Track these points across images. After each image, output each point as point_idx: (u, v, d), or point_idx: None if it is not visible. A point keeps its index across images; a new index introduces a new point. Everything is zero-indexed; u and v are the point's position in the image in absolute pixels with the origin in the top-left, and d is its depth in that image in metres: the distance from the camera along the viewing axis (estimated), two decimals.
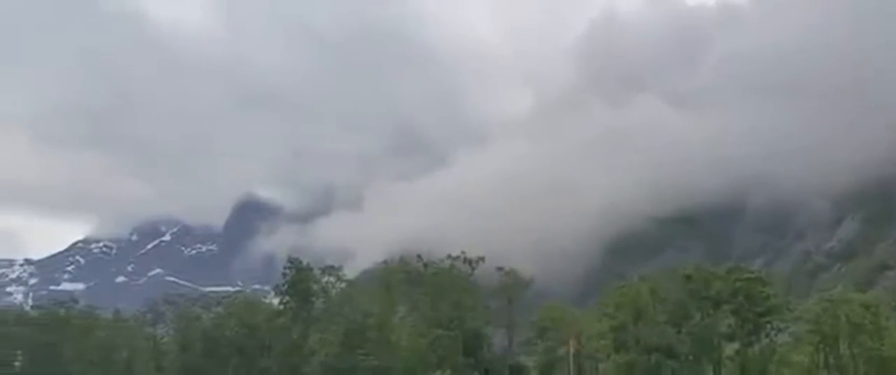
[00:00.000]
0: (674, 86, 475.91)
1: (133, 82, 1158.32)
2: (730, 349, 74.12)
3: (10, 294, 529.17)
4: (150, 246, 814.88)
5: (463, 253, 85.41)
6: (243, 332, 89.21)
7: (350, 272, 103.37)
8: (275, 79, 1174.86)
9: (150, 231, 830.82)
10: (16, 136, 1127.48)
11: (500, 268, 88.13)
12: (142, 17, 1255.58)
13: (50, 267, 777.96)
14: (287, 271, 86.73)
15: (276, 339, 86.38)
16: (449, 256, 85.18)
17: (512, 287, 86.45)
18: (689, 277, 75.41)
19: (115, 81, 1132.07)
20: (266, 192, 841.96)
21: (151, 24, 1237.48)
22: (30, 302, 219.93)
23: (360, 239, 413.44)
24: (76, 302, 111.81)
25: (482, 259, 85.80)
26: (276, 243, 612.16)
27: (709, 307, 74.16)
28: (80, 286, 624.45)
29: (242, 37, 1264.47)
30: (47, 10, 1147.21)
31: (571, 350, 70.74)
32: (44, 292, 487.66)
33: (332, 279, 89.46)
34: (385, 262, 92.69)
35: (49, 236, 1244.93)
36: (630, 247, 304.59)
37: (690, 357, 73.37)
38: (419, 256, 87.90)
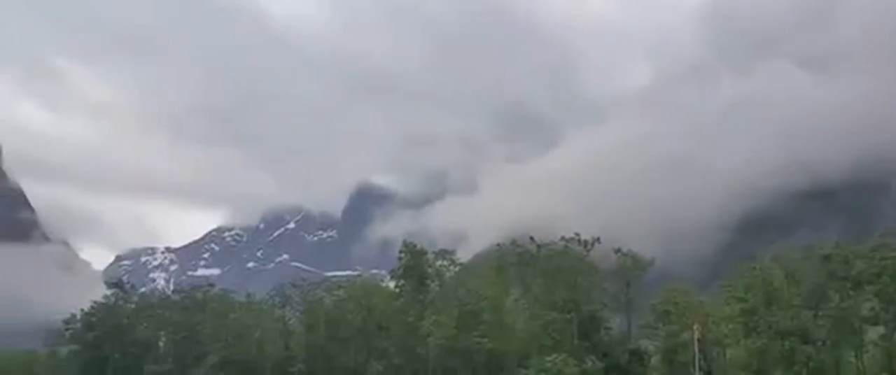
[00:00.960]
0: (807, 50, 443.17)
1: (259, 80, 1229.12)
2: (874, 333, 67.96)
3: (154, 279, 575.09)
4: (276, 234, 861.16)
5: (577, 234, 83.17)
6: (363, 315, 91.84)
7: (463, 255, 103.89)
8: (387, 68, 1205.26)
9: (276, 219, 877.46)
10: (159, 134, 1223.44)
11: (617, 250, 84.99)
12: (263, 17, 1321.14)
13: (188, 254, 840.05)
14: (402, 255, 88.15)
15: (393, 321, 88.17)
16: (562, 238, 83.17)
17: (630, 269, 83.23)
18: (827, 257, 69.80)
19: (243, 80, 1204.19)
20: (381, 179, 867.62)
21: (271, 23, 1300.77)
22: (171, 286, 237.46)
23: (473, 222, 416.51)
24: (212, 286, 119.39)
25: (598, 240, 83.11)
26: (391, 228, 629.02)
27: (849, 288, 68.39)
28: (215, 271, 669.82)
29: (354, 28, 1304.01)
30: (184, 16, 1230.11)
31: (696, 335, 67.11)
32: (183, 277, 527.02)
33: (445, 262, 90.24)
34: (498, 245, 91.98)
35: (187, 226, 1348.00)
36: (761, 226, 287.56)
37: (828, 343, 67.95)
38: (532, 238, 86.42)
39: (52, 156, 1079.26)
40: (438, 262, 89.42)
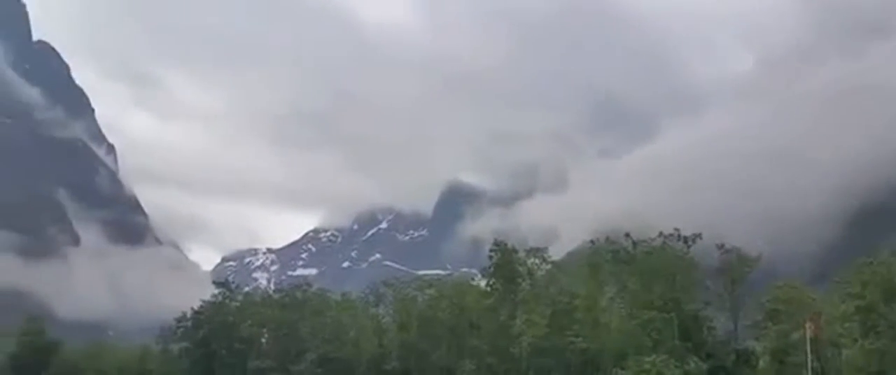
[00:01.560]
0: None
1: (353, 84, 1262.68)
2: None
3: (256, 279, 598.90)
4: (369, 234, 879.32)
5: (676, 230, 79.69)
6: (454, 313, 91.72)
7: (555, 253, 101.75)
8: (475, 66, 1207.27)
9: (368, 220, 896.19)
10: (259, 140, 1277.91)
11: (720, 246, 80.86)
12: (356, 23, 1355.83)
13: (287, 254, 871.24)
14: (493, 254, 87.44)
15: (484, 320, 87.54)
16: (660, 234, 79.86)
17: (735, 266, 78.82)
18: None
19: (337, 84, 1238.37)
20: (471, 177, 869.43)
21: (364, 28, 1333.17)
22: (272, 286, 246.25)
23: (564, 219, 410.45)
24: (310, 285, 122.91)
25: (699, 236, 79.24)
26: (481, 226, 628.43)
27: None
28: (312, 271, 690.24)
29: (443, 30, 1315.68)
30: (281, 24, 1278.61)
31: (809, 335, 62.89)
32: (283, 277, 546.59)
33: (537, 260, 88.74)
34: (592, 242, 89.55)
35: (286, 227, 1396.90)
36: (874, 219, 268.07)
37: None
38: (628, 235, 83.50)
39: (161, 163, 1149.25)
40: (530, 260, 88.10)
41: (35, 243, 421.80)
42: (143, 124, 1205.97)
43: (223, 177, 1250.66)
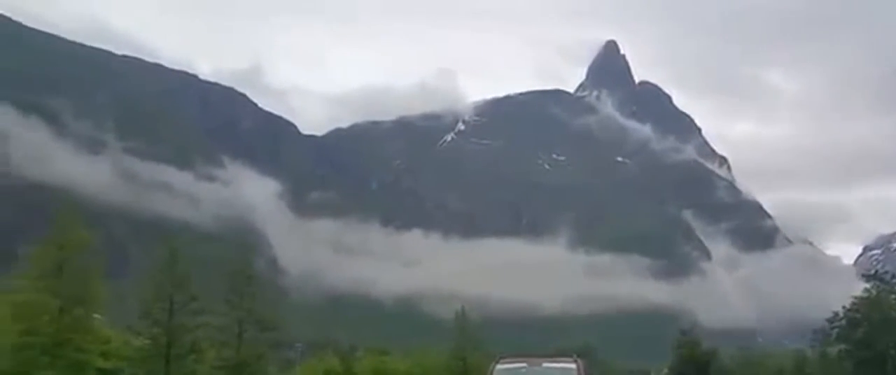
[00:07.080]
0: None
1: None
2: None
3: None
4: None
5: None
6: None
7: None
8: None
9: None
10: (865, 111, 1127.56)
11: None
12: None
13: None
14: None
15: None
16: None
17: None
18: None
19: None
20: None
21: None
22: None
23: None
24: None
25: None
26: None
27: None
28: None
29: None
30: None
31: None
32: None
33: None
34: None
35: None
36: None
37: None
38: None
39: (773, 163, 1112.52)
40: None
41: (674, 264, 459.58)
42: (747, 128, 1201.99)
43: (841, 161, 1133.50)
